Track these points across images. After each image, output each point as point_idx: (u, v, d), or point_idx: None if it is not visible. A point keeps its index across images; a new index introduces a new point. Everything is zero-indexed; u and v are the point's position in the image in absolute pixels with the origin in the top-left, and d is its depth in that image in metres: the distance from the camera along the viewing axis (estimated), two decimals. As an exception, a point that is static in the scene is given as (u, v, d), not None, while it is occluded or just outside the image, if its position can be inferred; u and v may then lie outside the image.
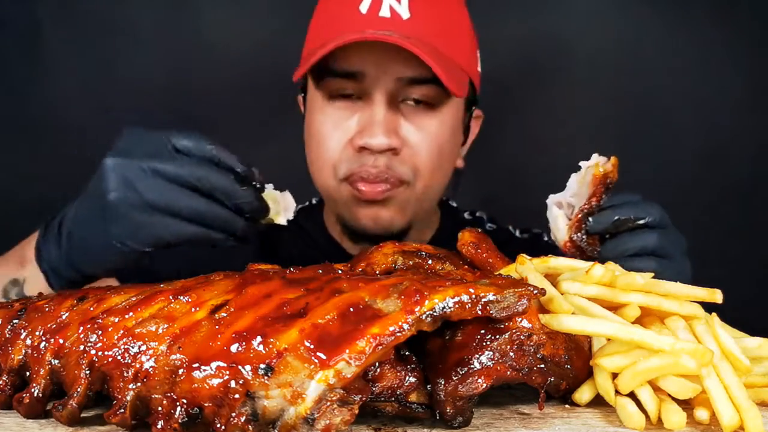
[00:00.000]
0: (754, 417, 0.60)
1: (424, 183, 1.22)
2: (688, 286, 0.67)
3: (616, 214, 0.90)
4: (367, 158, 1.17)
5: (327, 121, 1.21)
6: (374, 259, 0.78)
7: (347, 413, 0.54)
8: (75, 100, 1.75)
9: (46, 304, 0.70)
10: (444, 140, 1.22)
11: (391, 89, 1.16)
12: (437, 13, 1.21)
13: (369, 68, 1.16)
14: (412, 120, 1.19)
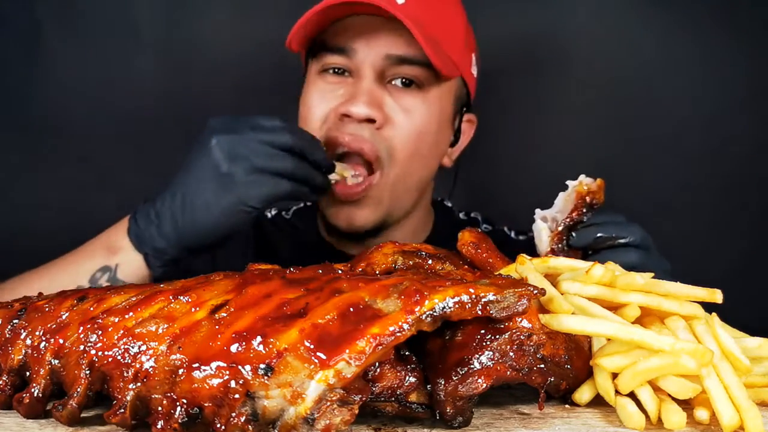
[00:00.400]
0: (754, 417, 0.60)
1: (399, 168, 1.22)
2: (688, 286, 0.67)
3: (599, 231, 0.93)
4: (346, 126, 1.19)
5: (315, 92, 1.24)
6: (374, 259, 0.78)
7: (347, 413, 0.54)
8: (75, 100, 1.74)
9: (46, 304, 0.70)
10: (427, 127, 1.23)
11: (380, 66, 1.19)
12: (432, 5, 1.23)
13: (359, 44, 1.19)
14: (397, 99, 1.21)
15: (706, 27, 1.72)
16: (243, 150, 1.03)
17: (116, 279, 1.10)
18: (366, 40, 1.19)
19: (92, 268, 1.10)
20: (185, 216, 1.05)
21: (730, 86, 1.73)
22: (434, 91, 1.23)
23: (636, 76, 1.74)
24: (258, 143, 1.03)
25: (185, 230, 1.05)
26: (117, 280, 1.10)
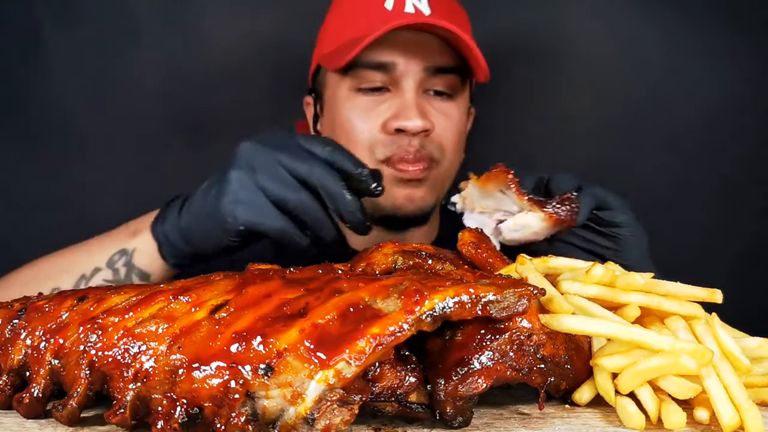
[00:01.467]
0: (754, 417, 0.60)
1: (448, 161, 1.30)
2: (688, 286, 0.67)
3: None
4: (402, 140, 1.23)
5: (355, 109, 1.26)
6: (374, 259, 0.78)
7: (347, 413, 0.54)
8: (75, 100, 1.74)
9: (46, 304, 0.70)
10: (462, 126, 1.32)
11: (419, 78, 1.24)
12: (453, 11, 1.29)
13: (399, 59, 1.23)
14: (438, 107, 1.27)
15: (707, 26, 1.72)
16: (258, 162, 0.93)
17: (132, 264, 1.07)
18: (404, 53, 1.23)
19: (112, 249, 1.09)
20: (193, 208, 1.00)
21: (730, 86, 1.73)
22: (461, 95, 1.31)
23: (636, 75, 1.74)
24: (273, 162, 0.93)
25: (190, 224, 1.00)
26: (132, 266, 1.07)
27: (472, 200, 0.95)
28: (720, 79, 1.73)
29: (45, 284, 1.09)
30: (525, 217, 0.91)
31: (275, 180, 0.91)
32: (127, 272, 1.07)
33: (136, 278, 1.07)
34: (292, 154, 0.92)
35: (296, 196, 0.91)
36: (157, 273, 1.07)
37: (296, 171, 0.91)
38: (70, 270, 1.09)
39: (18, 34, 1.74)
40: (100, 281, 1.08)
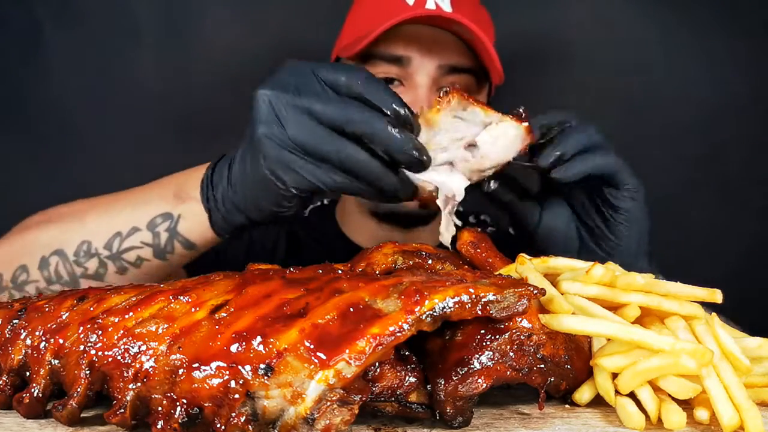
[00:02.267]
0: (754, 417, 0.60)
1: None
2: (688, 286, 0.67)
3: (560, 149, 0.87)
4: None
5: None
6: (374, 259, 0.78)
7: (347, 413, 0.54)
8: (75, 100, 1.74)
9: (46, 304, 0.70)
10: None
11: (433, 75, 1.23)
12: (475, 10, 1.29)
13: (414, 54, 1.22)
14: None
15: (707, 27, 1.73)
16: (283, 114, 0.79)
17: (176, 232, 0.96)
18: (420, 49, 1.22)
19: (155, 211, 0.97)
20: (236, 176, 0.88)
21: (730, 86, 1.73)
22: (477, 95, 1.29)
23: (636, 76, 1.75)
24: (301, 112, 0.78)
25: (238, 192, 0.88)
26: (176, 233, 0.96)
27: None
28: (720, 79, 1.73)
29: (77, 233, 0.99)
30: (498, 128, 0.79)
31: (309, 134, 0.78)
32: (169, 238, 0.96)
33: (178, 246, 0.97)
34: (325, 101, 0.78)
35: (336, 150, 0.77)
36: (203, 243, 0.97)
37: (329, 120, 0.77)
38: (106, 223, 0.98)
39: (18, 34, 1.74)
40: (137, 243, 0.97)
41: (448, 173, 0.79)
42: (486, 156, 0.79)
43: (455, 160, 0.80)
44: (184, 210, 0.95)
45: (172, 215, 0.95)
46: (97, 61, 1.75)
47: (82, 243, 0.98)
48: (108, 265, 0.98)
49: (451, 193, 0.78)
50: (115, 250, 0.97)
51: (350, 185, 0.80)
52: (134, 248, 0.97)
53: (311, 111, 0.77)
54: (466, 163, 0.80)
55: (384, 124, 0.76)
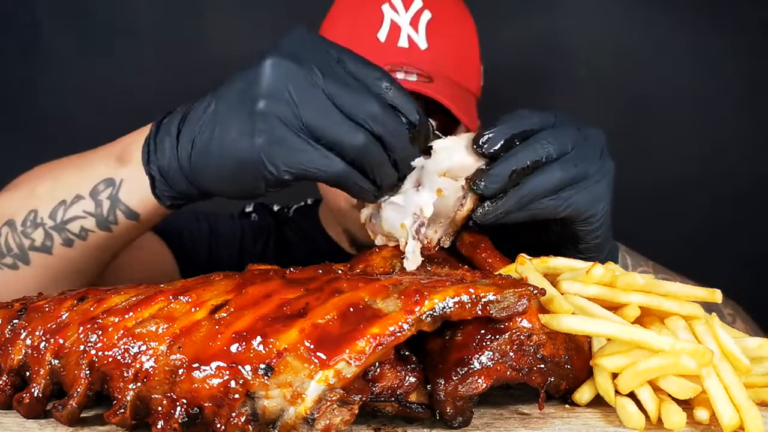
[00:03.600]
0: (754, 417, 0.60)
1: None
2: (688, 286, 0.67)
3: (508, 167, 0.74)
4: None
5: None
6: (372, 262, 0.78)
7: (347, 413, 0.54)
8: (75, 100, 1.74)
9: (46, 304, 0.70)
10: None
11: None
12: (452, 41, 1.22)
13: None
14: None
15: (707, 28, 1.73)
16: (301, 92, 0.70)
17: (117, 199, 0.86)
18: None
19: (99, 176, 0.88)
20: (196, 144, 0.76)
21: (730, 86, 1.73)
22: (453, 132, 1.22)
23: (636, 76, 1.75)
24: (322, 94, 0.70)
25: (198, 160, 0.77)
26: (118, 200, 0.86)
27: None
28: (720, 79, 1.73)
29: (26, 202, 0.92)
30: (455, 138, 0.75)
31: (324, 117, 0.69)
32: (111, 207, 0.87)
33: (121, 215, 0.87)
34: (346, 87, 0.70)
35: (355, 140, 0.70)
36: (147, 214, 0.87)
37: (352, 110, 0.70)
38: (53, 190, 0.90)
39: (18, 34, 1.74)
40: (80, 212, 0.88)
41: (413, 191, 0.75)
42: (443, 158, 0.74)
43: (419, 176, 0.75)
44: (127, 175, 0.85)
45: (114, 181, 0.86)
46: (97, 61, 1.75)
47: (29, 212, 0.91)
48: (54, 237, 0.90)
49: (418, 207, 0.74)
50: (59, 220, 0.89)
51: (351, 178, 0.72)
52: (78, 218, 0.88)
53: (333, 96, 0.70)
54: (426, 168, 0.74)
55: (407, 133, 0.72)
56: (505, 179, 0.73)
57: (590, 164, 0.79)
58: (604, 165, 0.81)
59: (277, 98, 0.70)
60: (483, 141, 0.74)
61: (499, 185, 0.74)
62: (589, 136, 0.80)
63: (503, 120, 0.76)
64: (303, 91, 0.69)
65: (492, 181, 0.73)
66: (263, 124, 0.70)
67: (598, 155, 0.80)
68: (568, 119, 0.80)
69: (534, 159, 0.74)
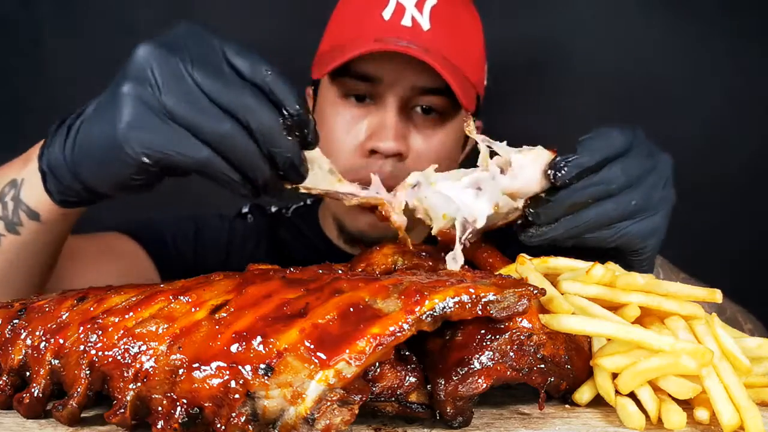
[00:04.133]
0: (754, 417, 0.60)
1: None
2: (688, 286, 0.67)
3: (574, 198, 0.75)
4: (373, 163, 1.19)
5: (340, 121, 1.23)
6: (374, 260, 0.78)
7: (347, 413, 0.54)
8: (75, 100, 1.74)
9: (47, 304, 0.70)
10: (447, 152, 1.25)
11: (404, 96, 1.19)
12: (455, 27, 1.23)
13: (385, 74, 1.18)
14: (420, 129, 1.21)
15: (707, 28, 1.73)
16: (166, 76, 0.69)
17: (19, 200, 0.86)
18: (392, 70, 1.18)
19: (6, 178, 0.88)
20: (81, 134, 0.76)
21: (730, 86, 1.73)
22: (453, 117, 1.25)
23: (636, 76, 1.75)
24: (188, 80, 0.69)
25: (78, 153, 0.76)
26: (19, 201, 0.86)
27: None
28: (720, 79, 1.73)
29: None
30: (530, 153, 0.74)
31: (187, 102, 0.68)
32: (15, 208, 0.87)
33: (24, 216, 0.87)
34: (218, 75, 0.69)
35: (218, 127, 0.68)
36: (46, 213, 0.85)
37: (220, 98, 0.68)
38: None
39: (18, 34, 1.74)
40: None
41: (472, 197, 0.74)
42: (516, 177, 0.74)
43: (481, 180, 0.74)
44: (26, 174, 0.85)
45: (17, 181, 0.86)
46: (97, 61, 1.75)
47: None
48: None
49: (472, 217, 0.73)
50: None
51: (215, 164, 0.69)
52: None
53: (202, 83, 0.68)
54: (493, 181, 0.74)
55: (279, 121, 0.70)
56: (561, 212, 0.75)
57: (651, 196, 0.79)
58: (665, 196, 0.82)
59: (140, 81, 0.69)
60: (559, 170, 0.74)
61: (555, 215, 0.75)
62: (657, 165, 0.81)
63: (585, 146, 0.76)
64: (168, 75, 0.68)
65: (549, 214, 0.75)
66: (124, 107, 0.69)
67: (661, 185, 0.81)
68: (643, 141, 0.80)
69: (596, 197, 0.75)
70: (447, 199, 0.75)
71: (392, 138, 1.16)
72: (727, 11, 1.72)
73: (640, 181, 0.78)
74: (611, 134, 0.78)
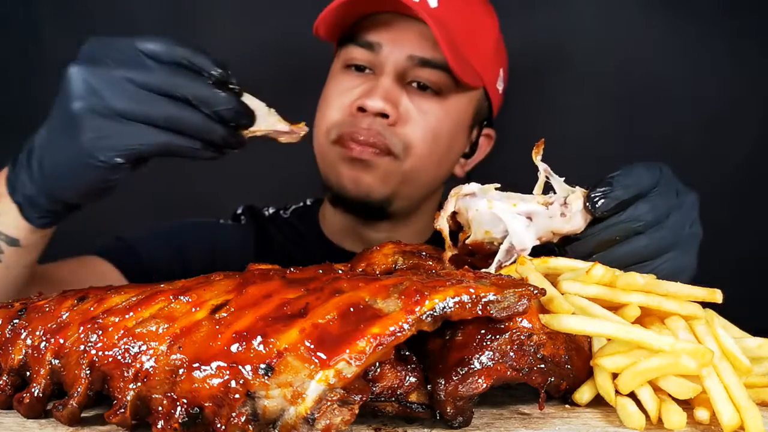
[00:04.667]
0: (754, 417, 0.60)
1: (413, 163, 1.23)
2: (688, 286, 0.67)
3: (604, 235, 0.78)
4: (361, 120, 1.20)
5: (336, 86, 1.25)
6: (374, 259, 0.78)
7: (347, 413, 0.54)
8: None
9: (47, 304, 0.70)
10: (443, 130, 1.24)
11: (402, 65, 1.20)
12: (465, 14, 1.24)
13: (385, 41, 1.20)
14: (415, 101, 1.22)
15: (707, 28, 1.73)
16: (102, 87, 0.79)
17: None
18: (392, 37, 1.20)
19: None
20: (42, 166, 0.86)
21: (730, 86, 1.73)
22: (453, 98, 1.24)
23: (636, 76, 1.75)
24: (122, 82, 0.78)
25: (50, 178, 0.86)
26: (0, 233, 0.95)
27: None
28: (720, 79, 1.73)
29: None
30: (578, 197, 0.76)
31: (131, 99, 0.78)
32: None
33: (3, 244, 0.96)
34: (141, 68, 0.78)
35: (163, 111, 0.78)
36: (25, 237, 0.95)
37: (154, 86, 0.78)
38: None
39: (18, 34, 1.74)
40: None
41: (525, 225, 0.76)
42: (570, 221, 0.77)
43: (536, 213, 0.76)
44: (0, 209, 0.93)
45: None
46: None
47: None
48: None
49: (521, 246, 0.75)
50: None
51: (174, 142, 0.80)
52: None
53: (133, 80, 0.78)
54: (550, 219, 0.76)
55: (207, 84, 0.79)
56: (591, 249, 0.78)
57: (679, 235, 0.81)
58: (693, 234, 0.83)
59: (84, 96, 0.79)
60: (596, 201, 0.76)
61: (586, 252, 0.78)
62: (684, 204, 0.82)
63: (617, 182, 0.78)
64: (106, 84, 0.78)
65: (580, 251, 0.77)
66: (81, 122, 0.79)
67: (689, 224, 0.83)
68: (670, 178, 0.82)
69: (625, 234, 0.78)
70: (497, 220, 0.76)
71: (380, 96, 1.17)
72: (727, 11, 1.72)
73: (668, 218, 0.80)
74: (639, 171, 0.80)
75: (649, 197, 0.79)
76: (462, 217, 0.79)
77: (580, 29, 1.75)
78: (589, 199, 0.76)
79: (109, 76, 0.78)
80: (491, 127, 1.39)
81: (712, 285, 0.67)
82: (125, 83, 0.78)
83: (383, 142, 1.19)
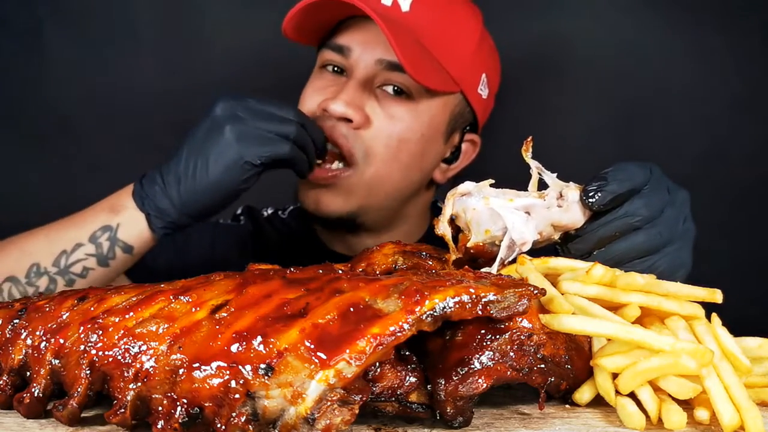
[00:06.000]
0: (754, 417, 0.60)
1: (375, 170, 1.21)
2: (688, 286, 0.67)
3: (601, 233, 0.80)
4: (327, 119, 1.20)
5: (311, 87, 1.27)
6: (374, 260, 0.78)
7: (347, 413, 0.54)
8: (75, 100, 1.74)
9: (47, 304, 0.70)
10: (411, 135, 1.22)
11: (371, 69, 1.20)
12: (440, 18, 1.22)
13: (355, 45, 1.21)
14: (385, 106, 1.21)
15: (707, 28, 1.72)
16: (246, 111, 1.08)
17: (116, 239, 1.11)
18: (362, 40, 1.21)
19: (93, 227, 1.11)
20: (188, 175, 1.07)
21: (730, 86, 1.73)
22: (425, 102, 1.22)
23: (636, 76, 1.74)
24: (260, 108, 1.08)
25: (187, 190, 1.07)
26: (117, 240, 1.11)
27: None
28: (720, 79, 1.73)
29: (23, 260, 1.12)
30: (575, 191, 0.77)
31: (268, 120, 1.08)
32: (110, 246, 1.12)
33: (119, 251, 1.12)
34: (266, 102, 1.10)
35: (290, 131, 1.08)
36: (140, 246, 1.13)
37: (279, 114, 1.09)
38: (50, 246, 1.12)
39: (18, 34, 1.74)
40: (82, 255, 1.12)
41: (523, 219, 0.76)
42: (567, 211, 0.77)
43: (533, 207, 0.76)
44: (122, 219, 1.11)
45: (111, 226, 1.11)
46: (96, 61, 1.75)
47: (31, 266, 1.12)
48: (57, 280, 1.12)
49: (522, 239, 0.75)
50: (63, 266, 1.11)
51: (297, 155, 1.10)
52: (80, 261, 1.11)
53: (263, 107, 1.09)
54: (547, 211, 0.76)
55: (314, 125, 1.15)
56: (591, 246, 0.79)
57: (674, 230, 0.82)
58: (687, 230, 0.84)
59: (234, 118, 1.08)
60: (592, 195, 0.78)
61: (587, 249, 0.79)
62: (676, 200, 0.83)
63: (611, 177, 0.79)
64: (248, 111, 1.08)
65: (580, 248, 0.80)
66: (233, 135, 1.07)
67: (682, 220, 0.83)
68: (661, 176, 0.83)
69: (623, 230, 0.79)
70: (495, 217, 0.76)
71: (342, 100, 1.18)
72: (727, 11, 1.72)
73: (662, 214, 0.81)
74: (631, 168, 0.81)
75: (643, 193, 0.80)
76: (461, 221, 0.79)
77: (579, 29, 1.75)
78: (585, 193, 0.77)
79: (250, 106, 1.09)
80: (475, 132, 1.37)
81: (712, 285, 0.67)
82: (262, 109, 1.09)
83: (346, 145, 1.20)
